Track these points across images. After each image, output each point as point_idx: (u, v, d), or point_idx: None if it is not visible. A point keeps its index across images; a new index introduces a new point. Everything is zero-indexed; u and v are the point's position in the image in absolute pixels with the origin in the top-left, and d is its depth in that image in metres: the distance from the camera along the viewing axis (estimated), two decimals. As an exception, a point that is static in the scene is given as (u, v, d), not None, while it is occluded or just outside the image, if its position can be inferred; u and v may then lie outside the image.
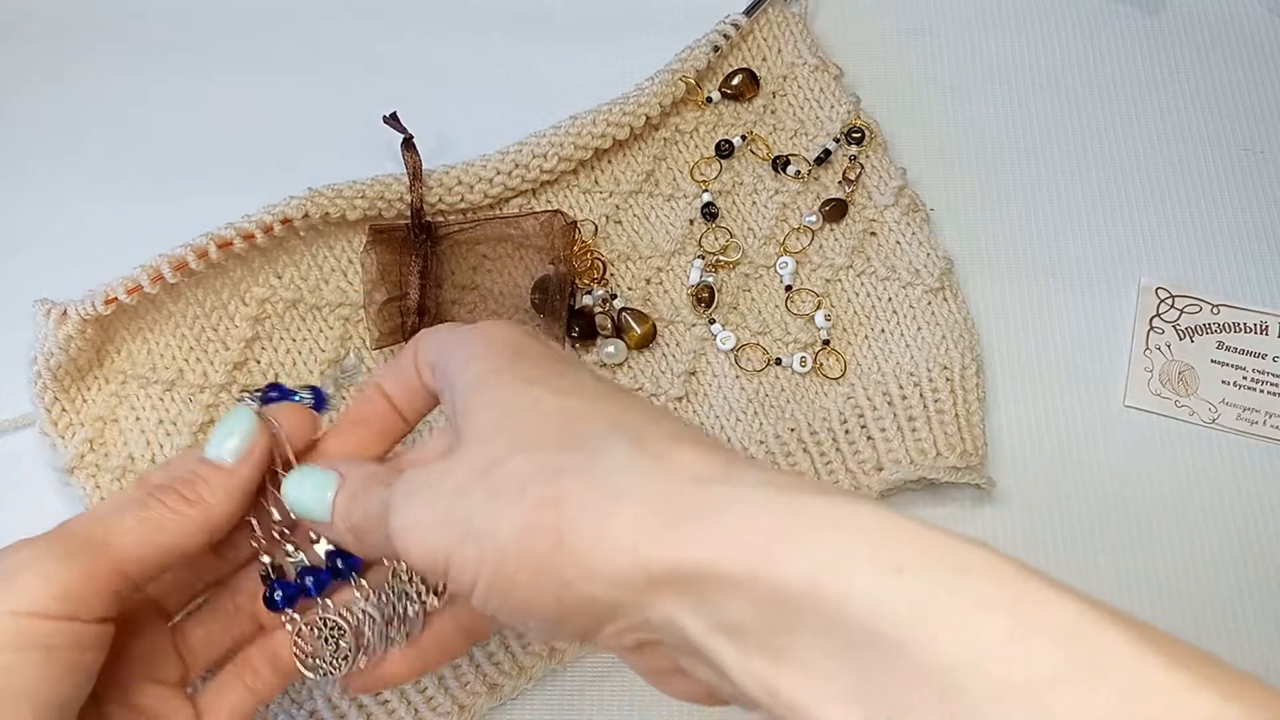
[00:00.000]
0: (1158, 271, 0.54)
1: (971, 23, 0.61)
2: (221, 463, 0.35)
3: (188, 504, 0.34)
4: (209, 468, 0.35)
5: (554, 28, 0.60)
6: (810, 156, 0.53)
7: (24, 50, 0.59)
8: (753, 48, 0.56)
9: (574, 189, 0.52)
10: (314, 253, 0.49)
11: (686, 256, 0.52)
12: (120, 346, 0.46)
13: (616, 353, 0.49)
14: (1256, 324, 0.53)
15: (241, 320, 0.47)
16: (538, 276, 0.50)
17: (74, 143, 0.57)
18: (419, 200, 0.48)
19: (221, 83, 0.58)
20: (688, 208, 0.53)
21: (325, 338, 0.48)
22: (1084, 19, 0.61)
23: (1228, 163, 0.57)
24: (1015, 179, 0.56)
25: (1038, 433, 0.50)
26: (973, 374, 0.49)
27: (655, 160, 0.53)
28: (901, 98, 0.58)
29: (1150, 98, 0.59)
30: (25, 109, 0.58)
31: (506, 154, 0.51)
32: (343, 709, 0.43)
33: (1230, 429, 0.51)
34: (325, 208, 0.47)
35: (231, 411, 0.36)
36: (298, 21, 0.60)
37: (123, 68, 0.59)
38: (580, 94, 0.53)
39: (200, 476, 0.35)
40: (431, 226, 0.49)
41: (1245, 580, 0.48)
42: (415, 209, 0.48)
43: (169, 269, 0.44)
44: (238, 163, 0.56)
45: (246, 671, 0.37)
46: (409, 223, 0.49)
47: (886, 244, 0.52)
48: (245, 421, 0.36)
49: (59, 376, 0.45)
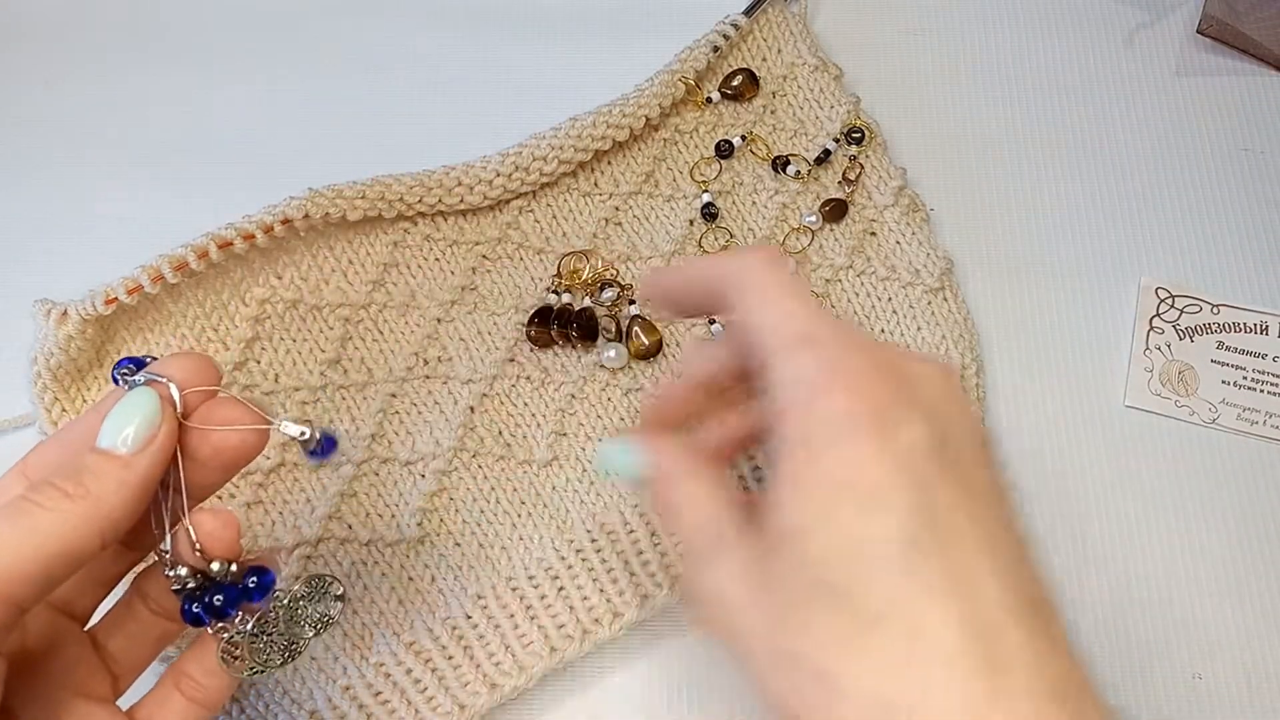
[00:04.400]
0: (1158, 271, 0.54)
1: (971, 23, 0.61)
2: (115, 452, 0.30)
3: (69, 500, 0.29)
4: (100, 458, 0.29)
5: (554, 28, 0.60)
6: (810, 157, 0.53)
7: (25, 50, 0.59)
8: (753, 48, 0.56)
9: (573, 191, 0.52)
10: (314, 253, 0.49)
11: (686, 257, 0.52)
12: (120, 346, 0.46)
13: (617, 357, 0.49)
14: (1256, 324, 0.53)
15: (241, 320, 0.47)
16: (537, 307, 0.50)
17: (74, 143, 0.57)
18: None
19: (222, 83, 0.58)
20: (687, 208, 0.53)
21: (325, 338, 0.48)
22: (1083, 19, 0.61)
23: (1228, 163, 0.57)
24: (1015, 179, 0.56)
25: (1038, 433, 0.50)
26: (973, 374, 0.49)
27: (655, 161, 0.53)
28: (901, 98, 0.58)
29: (1150, 97, 0.59)
30: (26, 109, 0.58)
31: (506, 156, 0.51)
32: (343, 709, 0.43)
33: (1230, 429, 0.51)
34: (325, 208, 0.47)
35: (129, 394, 0.30)
36: (298, 22, 0.60)
37: (123, 68, 0.59)
38: (580, 94, 0.53)
39: (88, 468, 0.29)
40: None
41: (1245, 580, 0.48)
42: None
43: (169, 269, 0.44)
44: (238, 163, 0.56)
45: (183, 682, 0.34)
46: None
47: (886, 244, 0.52)
48: (144, 405, 0.30)
49: (59, 376, 0.45)
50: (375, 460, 0.47)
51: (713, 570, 0.30)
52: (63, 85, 0.58)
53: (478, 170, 0.50)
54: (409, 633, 0.44)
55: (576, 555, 0.45)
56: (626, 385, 0.49)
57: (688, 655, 0.46)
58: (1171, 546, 0.48)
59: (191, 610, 0.32)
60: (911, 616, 0.26)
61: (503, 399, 0.49)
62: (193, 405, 0.31)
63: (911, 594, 0.27)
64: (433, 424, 0.48)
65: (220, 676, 0.34)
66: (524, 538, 0.46)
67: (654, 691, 0.46)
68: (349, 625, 0.44)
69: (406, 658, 0.44)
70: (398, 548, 0.46)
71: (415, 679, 0.44)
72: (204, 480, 0.32)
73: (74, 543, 0.28)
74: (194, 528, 0.31)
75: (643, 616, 0.45)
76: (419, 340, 0.49)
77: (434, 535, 0.46)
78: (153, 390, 0.30)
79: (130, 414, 0.30)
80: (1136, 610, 0.47)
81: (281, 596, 0.35)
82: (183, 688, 0.34)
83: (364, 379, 0.48)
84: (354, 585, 0.45)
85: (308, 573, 0.40)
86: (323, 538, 0.45)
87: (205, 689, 0.34)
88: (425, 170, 0.50)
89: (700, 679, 0.46)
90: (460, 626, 0.44)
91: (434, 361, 0.49)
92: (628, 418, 0.48)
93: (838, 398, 0.28)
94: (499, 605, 0.45)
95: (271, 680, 0.43)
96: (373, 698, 0.43)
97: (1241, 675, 0.46)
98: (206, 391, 0.31)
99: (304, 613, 0.35)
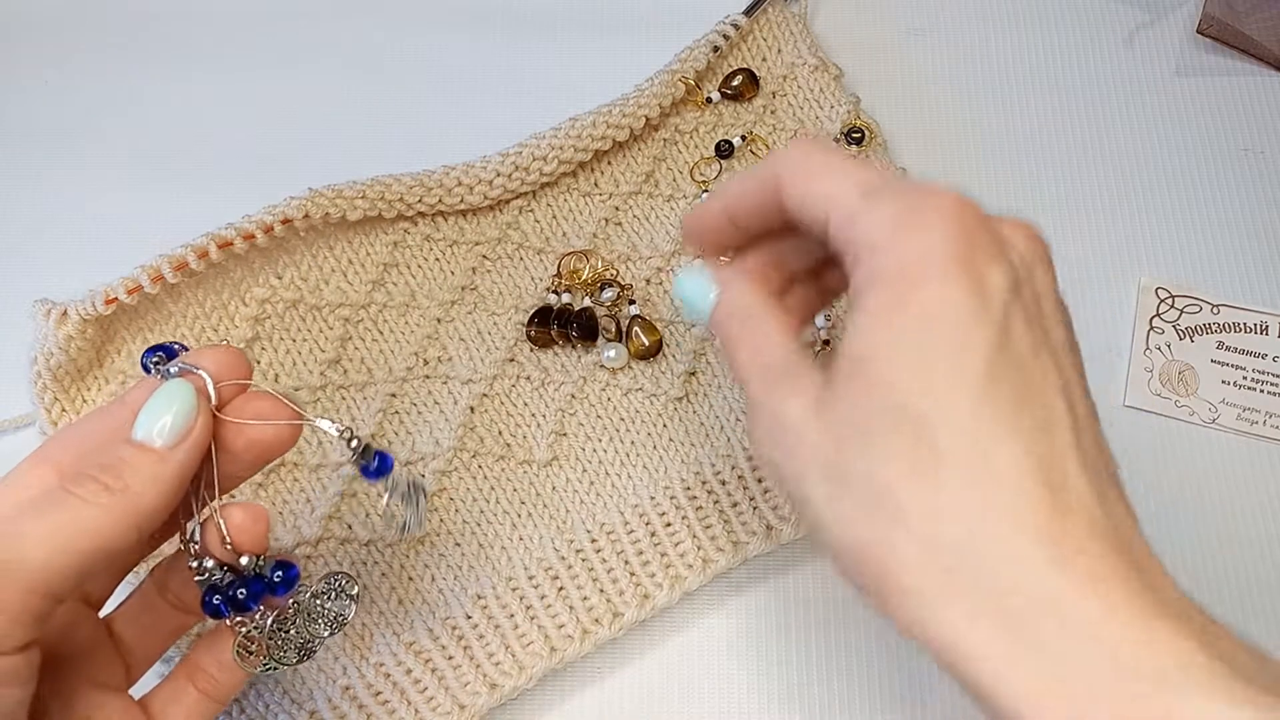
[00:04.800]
0: (1158, 271, 0.54)
1: (971, 22, 0.61)
2: (151, 445, 0.30)
3: (109, 493, 0.28)
4: (136, 451, 0.29)
5: (554, 28, 0.60)
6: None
7: (24, 50, 0.59)
8: (752, 48, 0.56)
9: (573, 192, 0.52)
10: (314, 253, 0.49)
11: (686, 257, 0.52)
12: (120, 346, 0.46)
13: (617, 357, 0.49)
14: (1256, 324, 0.53)
15: (242, 320, 0.47)
16: (537, 307, 0.50)
17: (74, 143, 0.57)
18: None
19: (222, 82, 0.59)
20: (687, 208, 0.53)
21: (325, 338, 0.48)
22: (1084, 19, 0.61)
23: (1228, 163, 0.57)
24: (1015, 178, 0.56)
25: (1038, 433, 0.50)
26: (973, 374, 0.49)
27: (655, 161, 0.53)
28: (901, 98, 0.58)
29: (1150, 97, 0.59)
30: (26, 109, 0.58)
31: (506, 156, 0.51)
32: (343, 709, 0.43)
33: (1230, 429, 0.51)
34: (325, 208, 0.47)
35: (165, 385, 0.30)
36: (298, 22, 0.60)
37: (123, 68, 0.59)
38: (580, 94, 0.53)
39: (125, 461, 0.29)
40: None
41: (1245, 580, 0.48)
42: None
43: (169, 269, 0.44)
44: (238, 163, 0.56)
45: (198, 675, 0.34)
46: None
47: (886, 244, 0.52)
48: (181, 397, 0.30)
49: (59, 376, 0.45)
50: (375, 460, 0.47)
51: (780, 395, 0.30)
52: (63, 85, 0.58)
53: (478, 170, 0.50)
54: (409, 633, 0.44)
55: (576, 555, 0.45)
56: (626, 385, 0.49)
57: (688, 655, 0.46)
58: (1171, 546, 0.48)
59: (212, 602, 0.32)
60: (982, 452, 0.27)
61: (503, 399, 0.49)
62: (227, 398, 0.31)
63: (983, 429, 0.27)
64: (432, 424, 0.48)
65: (234, 671, 0.34)
66: (524, 538, 0.46)
67: (654, 691, 0.46)
68: (349, 625, 0.44)
69: (406, 658, 0.44)
70: (398, 548, 0.46)
71: (415, 679, 0.44)
72: (234, 472, 0.32)
73: (112, 537, 0.28)
74: (223, 520, 0.31)
75: (643, 616, 0.45)
76: (419, 340, 0.49)
77: (434, 535, 0.46)
78: (188, 382, 0.30)
79: (167, 406, 0.30)
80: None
81: (301, 592, 0.35)
82: (196, 681, 0.34)
83: (364, 379, 0.48)
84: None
85: (325, 570, 0.40)
86: (323, 538, 0.45)
87: (218, 683, 0.34)
88: (425, 170, 0.50)
89: (700, 679, 0.46)
90: (460, 626, 0.44)
91: (434, 361, 0.49)
92: (628, 418, 0.48)
93: (931, 231, 0.28)
94: (499, 605, 0.45)
95: (271, 680, 0.43)
96: (373, 698, 0.43)
97: (1241, 675, 0.46)
98: (239, 384, 0.31)
99: (321, 610, 0.35)
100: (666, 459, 0.47)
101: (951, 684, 0.47)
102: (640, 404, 0.49)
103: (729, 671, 0.46)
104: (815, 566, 0.48)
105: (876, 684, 0.45)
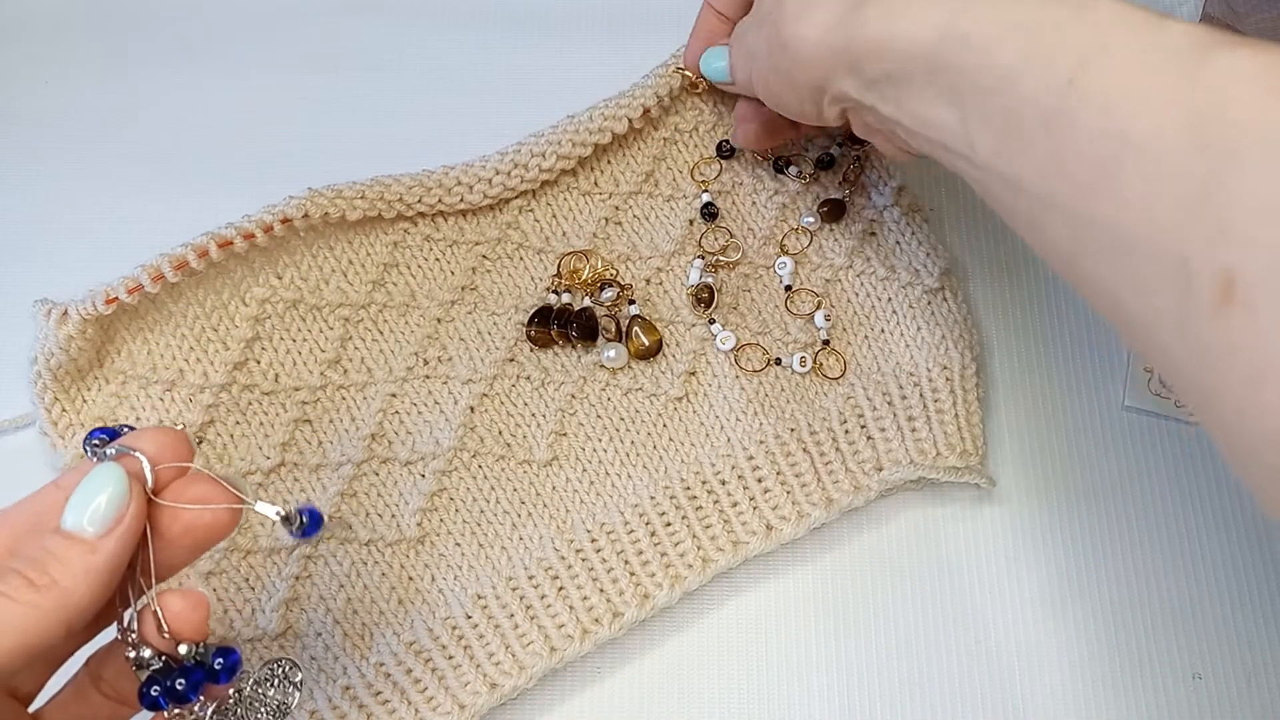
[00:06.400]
0: (1157, 271, 0.54)
1: (971, 23, 0.61)
2: (81, 534, 0.28)
3: (36, 590, 0.27)
4: (65, 541, 0.28)
5: (554, 28, 0.60)
6: (811, 157, 0.53)
7: (24, 50, 0.59)
8: (753, 48, 0.56)
9: (573, 191, 0.52)
10: (314, 253, 0.49)
11: (686, 257, 0.52)
12: (120, 346, 0.46)
13: (617, 357, 0.49)
14: (1256, 324, 0.53)
15: (242, 320, 0.48)
16: (537, 307, 0.50)
17: (74, 142, 0.57)
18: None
19: (222, 82, 0.59)
20: (687, 208, 0.53)
21: (325, 338, 0.48)
22: (1084, 19, 0.61)
23: (1227, 163, 0.57)
24: (1015, 179, 0.56)
25: (1038, 433, 0.50)
26: (972, 374, 0.49)
27: (655, 160, 0.53)
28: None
29: (1150, 98, 0.59)
30: (26, 108, 0.58)
31: (505, 155, 0.51)
32: (343, 709, 0.43)
33: (1230, 429, 0.51)
34: (325, 208, 0.47)
35: (96, 470, 0.29)
36: (298, 22, 0.60)
37: (123, 68, 0.59)
38: (580, 94, 0.53)
39: (52, 554, 0.28)
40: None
41: (1245, 580, 0.48)
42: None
43: (169, 268, 0.44)
44: (238, 163, 0.56)
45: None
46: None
47: (886, 244, 0.52)
48: (112, 482, 0.28)
49: (59, 376, 0.45)
50: (375, 460, 0.47)
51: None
52: (62, 84, 0.58)
53: (477, 170, 0.50)
54: (409, 633, 0.44)
55: (576, 555, 0.45)
56: (626, 385, 0.49)
57: (687, 655, 0.46)
58: (1171, 546, 0.48)
59: (150, 694, 0.30)
60: None
61: (503, 399, 0.49)
62: (165, 481, 0.30)
63: None
64: (433, 424, 0.48)
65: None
66: (524, 537, 0.46)
67: (654, 691, 0.46)
68: (349, 625, 0.44)
69: (406, 658, 0.44)
70: (398, 548, 0.46)
71: (415, 679, 0.44)
72: (171, 559, 0.31)
73: (38, 634, 0.27)
74: (161, 609, 0.30)
75: (643, 616, 0.45)
76: (419, 340, 0.49)
77: (434, 535, 0.46)
78: (119, 465, 0.29)
79: (97, 491, 0.28)
80: (1136, 610, 0.47)
81: (243, 680, 0.33)
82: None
83: (364, 379, 0.48)
84: (354, 585, 0.45)
85: (264, 658, 0.39)
86: (323, 538, 0.45)
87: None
88: (425, 170, 0.50)
89: (700, 679, 0.46)
90: (460, 626, 0.44)
91: (434, 361, 0.49)
92: (628, 418, 0.48)
93: None
94: (499, 605, 0.45)
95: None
96: (373, 698, 0.43)
97: (1241, 675, 0.46)
98: (179, 467, 0.30)
99: (264, 699, 0.34)
100: (666, 459, 0.47)
101: (952, 684, 0.48)
102: (640, 404, 0.49)
103: (729, 671, 0.46)
104: (815, 566, 0.48)
105: (877, 683, 0.45)
